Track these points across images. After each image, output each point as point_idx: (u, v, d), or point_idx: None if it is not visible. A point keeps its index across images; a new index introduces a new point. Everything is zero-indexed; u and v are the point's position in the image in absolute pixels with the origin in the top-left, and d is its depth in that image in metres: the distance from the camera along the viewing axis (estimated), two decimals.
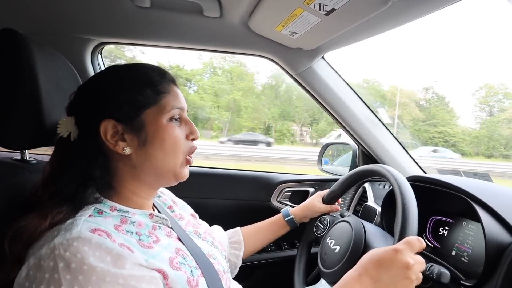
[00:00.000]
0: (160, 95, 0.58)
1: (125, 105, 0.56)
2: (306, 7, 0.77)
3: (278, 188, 1.38)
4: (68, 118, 0.57)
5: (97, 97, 0.57)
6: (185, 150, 0.61)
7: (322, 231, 0.91)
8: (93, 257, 0.44)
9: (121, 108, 0.56)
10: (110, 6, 0.98)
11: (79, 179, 0.53)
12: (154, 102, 0.58)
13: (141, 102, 0.57)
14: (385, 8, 0.71)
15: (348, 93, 1.23)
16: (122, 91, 0.57)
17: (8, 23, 0.80)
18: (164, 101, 0.59)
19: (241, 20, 1.00)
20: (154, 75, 0.60)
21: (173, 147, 0.59)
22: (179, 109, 0.60)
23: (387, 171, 0.75)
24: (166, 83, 0.60)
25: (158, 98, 0.58)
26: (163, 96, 0.59)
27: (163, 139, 0.58)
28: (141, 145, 0.57)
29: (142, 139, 0.57)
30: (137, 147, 0.57)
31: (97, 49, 1.16)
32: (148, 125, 0.57)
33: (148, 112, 0.57)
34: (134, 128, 0.56)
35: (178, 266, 0.54)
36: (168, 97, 0.59)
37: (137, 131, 0.56)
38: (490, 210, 0.71)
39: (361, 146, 1.34)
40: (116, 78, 0.59)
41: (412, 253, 0.55)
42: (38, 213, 0.50)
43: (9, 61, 0.60)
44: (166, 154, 0.58)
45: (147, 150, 0.57)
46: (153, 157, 0.58)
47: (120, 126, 0.56)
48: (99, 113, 0.56)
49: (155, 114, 0.57)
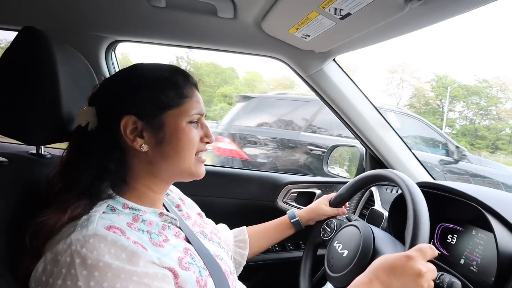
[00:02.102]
0: (183, 99, 0.60)
1: (148, 103, 0.57)
2: (322, 11, 0.77)
3: (284, 189, 1.38)
4: (89, 108, 0.57)
5: (122, 92, 0.58)
6: (198, 150, 0.63)
7: (329, 234, 0.91)
8: (109, 254, 0.45)
9: (144, 106, 0.57)
10: (126, 5, 0.99)
11: (95, 171, 0.54)
12: (177, 105, 0.59)
13: (164, 102, 0.58)
14: (402, 13, 0.71)
15: (358, 96, 1.23)
16: (147, 89, 0.58)
17: (26, 21, 0.82)
18: (186, 105, 0.60)
19: (254, 21, 1.00)
20: (179, 78, 0.61)
21: (188, 149, 0.60)
22: (198, 114, 0.62)
23: (398, 177, 0.74)
24: (189, 87, 0.62)
25: (181, 101, 0.60)
26: (185, 100, 0.60)
27: (180, 140, 0.59)
28: (158, 144, 0.58)
29: (159, 138, 0.58)
30: (153, 145, 0.58)
31: (111, 47, 1.17)
32: (167, 125, 0.58)
33: (169, 113, 0.58)
34: (153, 127, 0.57)
35: (187, 266, 0.54)
36: (190, 101, 0.61)
37: (156, 130, 0.58)
38: (502, 219, 0.71)
39: (369, 149, 1.34)
40: (142, 76, 0.60)
41: (424, 261, 0.55)
42: (57, 207, 0.51)
43: (30, 58, 0.61)
44: (180, 154, 0.60)
45: (163, 149, 0.58)
46: (168, 156, 0.59)
47: (140, 123, 0.57)
48: (122, 107, 0.57)
49: (175, 116, 0.59)
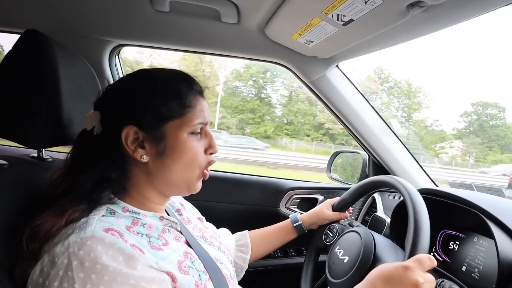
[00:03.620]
0: (185, 109, 0.58)
1: (149, 115, 0.56)
2: (325, 17, 0.77)
3: (287, 195, 1.38)
4: (95, 113, 0.57)
5: (123, 101, 0.58)
6: (202, 164, 0.61)
7: (331, 239, 0.90)
8: (106, 256, 0.45)
9: (145, 117, 0.56)
10: (130, 10, 1.00)
11: (96, 179, 0.54)
12: (179, 116, 0.58)
13: (165, 114, 0.57)
14: (404, 20, 0.71)
15: (361, 102, 1.23)
16: (147, 100, 0.57)
17: (30, 24, 0.82)
18: (189, 115, 0.58)
19: (258, 26, 1.01)
20: (182, 86, 0.59)
21: (190, 162, 0.59)
22: (202, 123, 0.60)
23: (400, 183, 0.74)
24: (193, 96, 0.60)
25: (183, 111, 0.58)
26: (188, 110, 0.58)
27: (181, 153, 0.58)
28: (158, 155, 0.57)
29: (160, 150, 0.57)
30: (154, 157, 0.57)
31: (115, 51, 1.18)
32: (168, 137, 0.57)
33: (171, 124, 0.57)
34: (154, 138, 0.56)
35: (186, 269, 0.54)
36: (193, 111, 0.59)
37: (157, 141, 0.57)
38: (504, 227, 0.70)
39: (371, 155, 1.34)
40: (144, 85, 0.59)
41: (423, 271, 0.54)
42: (54, 210, 0.51)
43: (32, 61, 0.61)
44: (182, 167, 0.59)
45: (164, 161, 0.57)
46: (169, 168, 0.58)
47: (141, 133, 0.56)
48: (123, 117, 0.56)
49: (176, 127, 0.57)
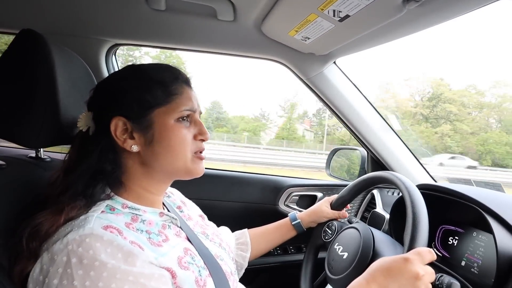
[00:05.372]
0: (171, 96, 0.59)
1: (135, 104, 0.58)
2: (320, 13, 0.77)
3: (286, 192, 1.38)
4: (88, 113, 0.59)
5: (110, 95, 0.59)
6: (192, 149, 0.62)
7: (330, 236, 0.90)
8: (105, 253, 0.45)
9: (131, 107, 0.57)
10: (126, 9, 1.00)
11: (90, 173, 0.55)
12: (164, 103, 0.59)
13: (150, 101, 0.58)
14: (400, 15, 0.71)
15: (359, 98, 1.23)
16: (132, 90, 0.58)
17: (26, 24, 0.81)
18: (175, 102, 0.59)
19: (254, 24, 1.01)
20: (166, 76, 0.61)
21: (179, 147, 0.59)
22: (189, 110, 0.61)
23: (397, 179, 0.74)
24: (179, 84, 0.61)
25: (169, 99, 0.59)
26: (174, 98, 0.59)
27: (169, 139, 0.58)
28: (148, 143, 0.58)
29: (149, 138, 0.58)
30: (144, 146, 0.58)
31: (111, 50, 1.18)
32: (155, 124, 0.58)
33: (157, 112, 0.58)
34: (142, 127, 0.58)
35: (186, 265, 0.54)
36: (179, 98, 0.60)
37: (145, 130, 0.58)
38: (502, 221, 0.70)
39: (370, 152, 1.34)
40: (129, 77, 0.61)
41: (423, 264, 0.55)
42: (53, 209, 0.51)
43: (28, 61, 0.61)
44: (171, 153, 0.59)
45: (154, 149, 0.58)
46: (160, 156, 0.59)
47: (129, 124, 0.57)
48: (110, 110, 0.58)
49: (163, 114, 0.58)
